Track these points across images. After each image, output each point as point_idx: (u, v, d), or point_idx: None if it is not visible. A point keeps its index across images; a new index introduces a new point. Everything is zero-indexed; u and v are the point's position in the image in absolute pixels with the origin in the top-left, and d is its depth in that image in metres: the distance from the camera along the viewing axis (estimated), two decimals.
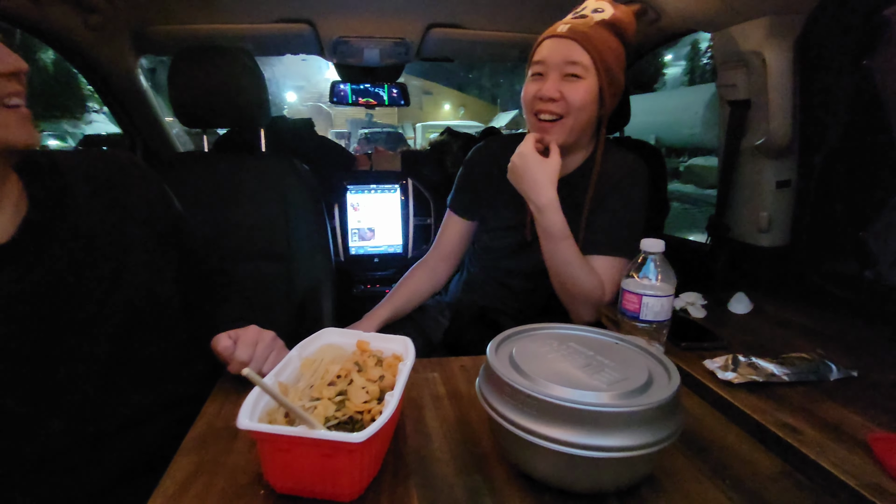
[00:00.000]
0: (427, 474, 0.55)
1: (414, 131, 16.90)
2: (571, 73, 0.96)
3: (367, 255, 1.95)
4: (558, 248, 0.97)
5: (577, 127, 0.99)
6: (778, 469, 0.57)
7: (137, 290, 0.68)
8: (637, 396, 0.50)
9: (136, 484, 0.58)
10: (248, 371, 0.41)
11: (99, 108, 12.88)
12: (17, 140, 0.57)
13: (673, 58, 20.96)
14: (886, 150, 0.95)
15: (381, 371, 0.61)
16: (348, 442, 0.45)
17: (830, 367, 0.74)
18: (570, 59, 0.95)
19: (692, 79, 19.63)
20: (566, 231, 0.96)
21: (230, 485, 0.53)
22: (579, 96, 0.96)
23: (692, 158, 11.86)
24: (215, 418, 0.65)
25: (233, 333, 0.71)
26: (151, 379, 0.70)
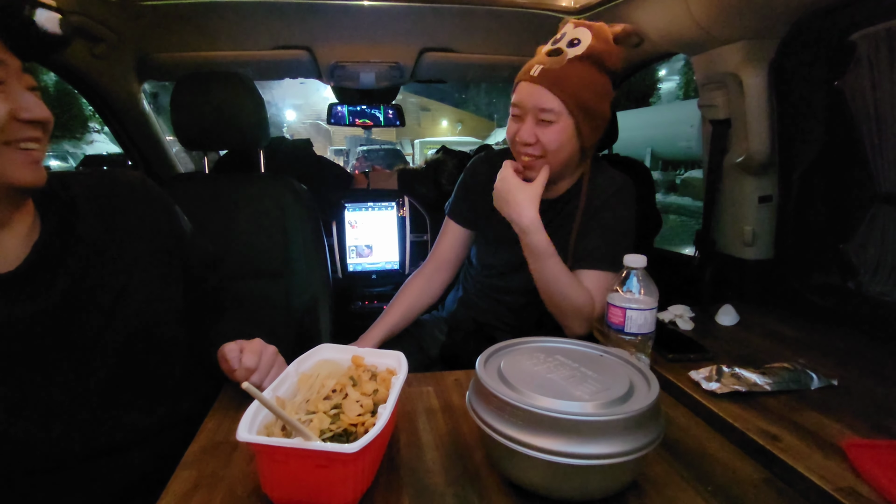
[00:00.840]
0: (419, 485, 0.57)
1: (412, 147, 17.07)
2: (543, 118, 0.97)
3: (365, 272, 1.98)
4: (545, 266, 0.99)
5: (557, 164, 1.02)
6: (759, 476, 0.60)
7: (141, 308, 0.70)
8: (618, 405, 0.52)
9: (136, 502, 0.60)
10: (248, 385, 0.44)
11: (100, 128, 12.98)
12: (22, 180, 0.60)
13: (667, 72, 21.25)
14: (860, 166, 0.99)
15: (376, 385, 0.64)
16: (342, 452, 0.47)
17: (811, 377, 0.76)
18: (540, 106, 0.97)
19: (686, 92, 19.88)
20: (550, 249, 0.99)
21: (229, 497, 0.55)
22: (553, 139, 0.98)
23: (688, 171, 11.98)
24: (215, 433, 0.67)
25: (239, 343, 0.73)
26: (152, 398, 0.72)
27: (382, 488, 0.57)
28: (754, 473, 0.60)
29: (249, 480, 0.57)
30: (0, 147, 0.57)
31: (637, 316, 0.72)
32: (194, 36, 1.56)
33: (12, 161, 0.58)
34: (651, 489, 0.57)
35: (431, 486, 0.57)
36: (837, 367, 0.81)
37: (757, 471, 0.61)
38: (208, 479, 0.58)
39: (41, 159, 0.62)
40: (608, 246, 1.04)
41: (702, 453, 0.64)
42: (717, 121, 1.14)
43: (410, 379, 0.84)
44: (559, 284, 0.99)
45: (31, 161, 0.61)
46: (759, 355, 0.87)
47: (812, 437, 0.63)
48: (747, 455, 0.63)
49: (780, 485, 0.58)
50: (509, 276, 1.20)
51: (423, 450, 0.64)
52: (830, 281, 1.05)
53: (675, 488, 0.57)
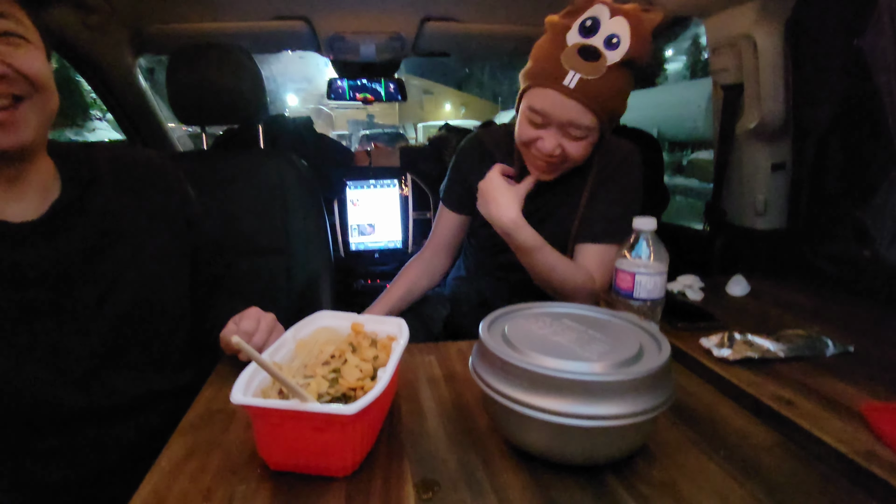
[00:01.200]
0: (421, 451, 0.56)
1: (415, 131, 16.93)
2: (574, 134, 0.90)
3: (368, 251, 1.96)
4: (537, 259, 0.96)
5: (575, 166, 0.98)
6: (772, 441, 0.57)
7: (147, 279, 0.72)
8: (627, 367, 0.50)
9: (136, 468, 0.59)
10: (238, 339, 0.42)
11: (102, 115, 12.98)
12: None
13: (674, 52, 20.88)
14: (880, 129, 0.95)
15: (376, 351, 0.62)
16: (340, 415, 0.46)
17: (826, 343, 0.74)
18: (574, 123, 0.88)
19: (693, 73, 19.56)
20: (539, 241, 0.95)
21: (225, 463, 0.53)
22: (581, 152, 0.93)
23: (695, 152, 11.82)
24: (212, 401, 0.66)
25: (236, 317, 0.72)
26: (151, 367, 0.72)
27: (383, 454, 0.55)
28: (768, 438, 0.58)
29: (246, 447, 0.56)
30: None
31: (646, 281, 0.69)
32: (190, 6, 1.51)
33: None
34: (661, 454, 0.55)
35: (434, 452, 0.56)
36: (853, 334, 0.79)
37: (771, 436, 0.58)
38: (204, 446, 0.56)
39: (12, 120, 0.59)
40: (613, 219, 1.01)
41: (713, 419, 0.62)
42: (729, 86, 1.09)
43: (412, 349, 0.83)
44: (556, 272, 0.97)
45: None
46: (771, 324, 0.84)
47: (828, 402, 0.61)
48: (760, 421, 0.61)
49: (794, 449, 0.56)
50: (508, 254, 1.18)
51: (425, 417, 0.63)
52: (845, 250, 1.02)
53: (686, 453, 0.55)
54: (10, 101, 0.59)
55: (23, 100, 0.60)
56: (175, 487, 0.50)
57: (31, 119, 0.61)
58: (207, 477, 0.51)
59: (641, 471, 0.52)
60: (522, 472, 0.52)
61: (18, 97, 0.60)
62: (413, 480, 0.51)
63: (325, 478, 0.50)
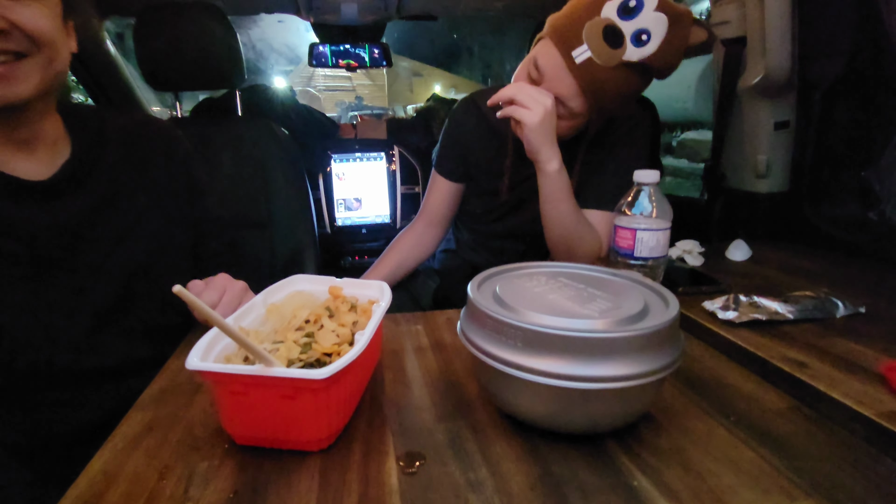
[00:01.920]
0: (405, 422, 0.51)
1: (405, 113, 16.70)
2: (559, 111, 0.86)
3: (355, 226, 1.89)
4: (567, 209, 0.91)
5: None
6: (785, 405, 0.53)
7: (148, 245, 0.74)
8: (632, 324, 0.45)
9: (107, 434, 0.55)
10: (179, 288, 0.35)
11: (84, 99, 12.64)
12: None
13: None
14: (890, 84, 0.90)
15: (356, 316, 0.56)
16: (310, 379, 0.40)
17: (837, 304, 0.69)
18: (563, 99, 0.84)
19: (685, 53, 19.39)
20: (571, 189, 0.91)
21: (186, 439, 0.48)
22: (563, 132, 0.89)
23: (685, 133, 11.78)
24: (177, 374, 0.60)
25: (206, 280, 0.68)
26: (147, 333, 0.72)
27: (363, 426, 0.50)
28: (780, 402, 0.54)
29: (211, 421, 0.50)
30: None
31: (648, 237, 0.64)
32: None
33: None
34: (665, 421, 0.50)
35: (419, 423, 0.51)
36: (862, 296, 0.74)
37: (783, 399, 0.54)
38: (164, 421, 0.51)
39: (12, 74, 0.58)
40: (620, 186, 0.95)
41: (720, 384, 0.57)
42: (731, 40, 1.03)
43: (399, 318, 0.77)
44: (577, 227, 0.92)
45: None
46: (776, 287, 0.80)
47: (844, 364, 0.57)
48: (770, 384, 0.57)
49: (808, 412, 0.52)
50: (504, 221, 1.13)
51: (410, 387, 0.58)
52: (850, 212, 0.98)
53: (693, 419, 0.51)
54: (11, 57, 0.58)
55: (24, 56, 0.59)
56: (128, 466, 0.44)
57: (32, 76, 0.60)
58: (165, 454, 0.46)
59: (646, 438, 0.48)
60: (517, 443, 0.47)
61: (20, 54, 0.59)
62: (396, 454, 0.46)
63: (298, 452, 0.45)
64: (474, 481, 0.42)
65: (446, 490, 0.41)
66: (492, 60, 22.96)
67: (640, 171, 0.66)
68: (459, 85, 24.49)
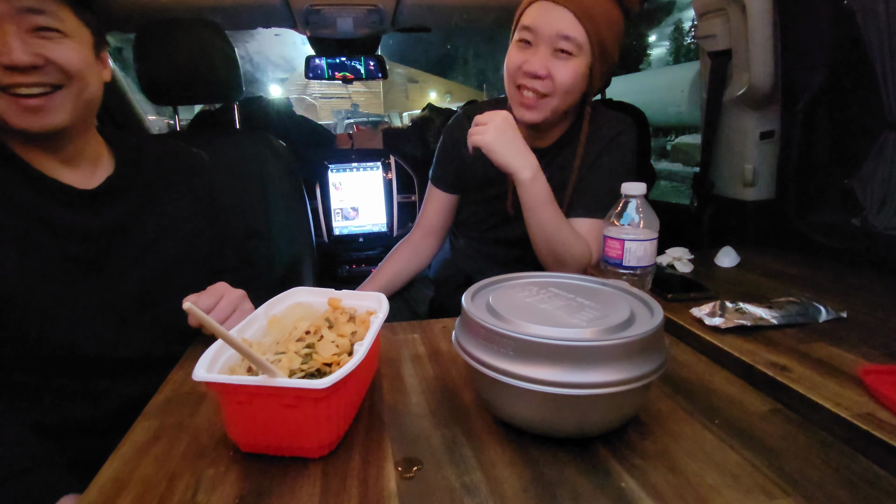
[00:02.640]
0: (403, 429, 0.53)
1: (400, 120, 16.75)
2: (563, 48, 0.86)
3: (352, 235, 1.91)
4: (548, 216, 0.92)
5: (561, 108, 0.93)
6: (768, 407, 0.55)
7: (173, 251, 0.82)
8: (618, 332, 0.47)
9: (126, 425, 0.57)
10: (190, 305, 0.38)
11: None
12: (15, 125, 0.66)
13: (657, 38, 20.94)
14: (868, 94, 0.93)
15: (354, 327, 0.58)
16: (312, 389, 0.42)
17: (819, 309, 0.72)
18: (563, 34, 0.85)
19: (677, 58, 19.64)
20: (551, 195, 0.92)
21: (193, 447, 0.50)
22: (569, 77, 0.88)
23: (679, 137, 11.87)
24: (182, 384, 0.62)
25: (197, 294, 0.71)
26: (167, 330, 0.78)
27: (362, 433, 0.52)
28: (762, 405, 0.56)
29: (216, 429, 0.52)
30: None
31: (636, 248, 0.67)
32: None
33: (5, 107, 0.64)
34: (653, 424, 0.53)
35: (416, 429, 0.53)
36: (845, 301, 0.77)
37: (765, 403, 0.56)
38: (171, 429, 0.52)
39: (46, 106, 0.66)
40: (609, 193, 0.97)
41: (706, 388, 0.60)
42: (716, 52, 1.07)
43: (395, 327, 0.79)
44: (562, 233, 0.92)
45: (23, 108, 0.65)
46: (762, 293, 0.82)
47: (824, 367, 0.59)
48: (755, 388, 0.59)
49: (790, 414, 0.54)
50: (500, 229, 1.15)
51: (407, 394, 0.60)
52: (834, 219, 1.01)
53: (680, 423, 0.53)
54: (47, 89, 0.66)
55: (59, 88, 0.67)
56: (137, 472, 0.46)
57: (65, 106, 0.68)
58: (173, 461, 0.47)
59: (634, 442, 0.50)
60: (510, 448, 0.49)
61: (55, 86, 0.67)
62: (394, 459, 0.48)
63: (300, 459, 0.47)
64: (469, 485, 0.44)
65: (443, 494, 0.43)
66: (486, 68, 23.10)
67: (627, 184, 0.68)
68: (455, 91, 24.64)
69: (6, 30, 0.62)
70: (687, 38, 19.85)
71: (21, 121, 0.66)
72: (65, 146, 0.73)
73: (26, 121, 0.66)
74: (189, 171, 0.90)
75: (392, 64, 3.76)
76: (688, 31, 19.61)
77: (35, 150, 0.71)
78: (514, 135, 0.89)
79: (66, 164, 0.74)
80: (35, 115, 0.66)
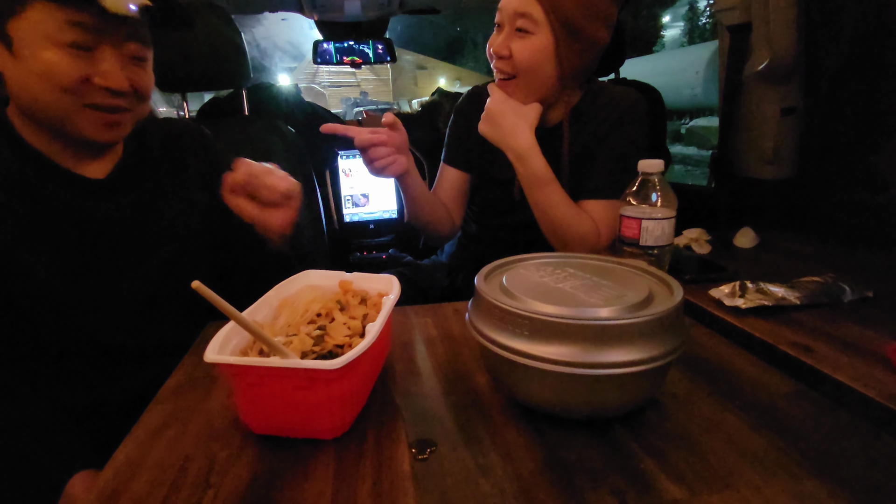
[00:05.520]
0: (417, 410, 0.52)
1: (409, 107, 16.65)
2: (520, 26, 0.87)
3: (363, 222, 1.91)
4: (544, 194, 0.91)
5: (531, 88, 0.92)
6: (791, 388, 0.54)
7: (186, 235, 0.82)
8: (637, 311, 0.46)
9: None
10: (199, 283, 0.37)
11: None
12: (94, 138, 0.69)
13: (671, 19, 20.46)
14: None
15: (366, 309, 0.58)
16: (324, 370, 0.42)
17: (844, 289, 0.70)
18: (518, 11, 0.86)
19: (691, 39, 19.18)
20: (550, 175, 0.91)
21: (206, 429, 0.49)
22: (526, 55, 0.88)
23: (693, 120, 11.63)
24: (195, 368, 0.62)
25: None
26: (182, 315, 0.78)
27: (375, 415, 0.51)
28: (785, 386, 0.54)
29: (229, 413, 0.52)
30: (80, 107, 0.66)
31: (654, 227, 0.65)
32: None
33: (87, 120, 0.67)
34: (672, 406, 0.51)
35: (430, 411, 0.52)
36: (870, 281, 0.74)
37: (788, 384, 0.55)
38: (184, 413, 0.52)
39: (121, 122, 0.70)
40: (618, 173, 0.95)
41: (726, 370, 0.58)
42: (735, 26, 1.03)
43: (408, 311, 0.79)
44: (559, 211, 0.92)
45: (105, 122, 0.68)
46: (784, 273, 0.80)
47: (850, 347, 0.57)
48: (777, 369, 0.57)
49: (814, 395, 0.52)
50: (511, 214, 1.13)
51: (420, 377, 0.59)
52: (860, 197, 0.97)
53: (699, 404, 0.52)
54: (124, 110, 0.70)
55: (131, 109, 0.71)
56: (151, 455, 0.46)
57: (130, 123, 0.73)
58: (186, 444, 0.47)
59: (652, 423, 0.49)
60: (525, 429, 0.48)
61: (127, 108, 0.70)
62: (408, 441, 0.47)
63: (313, 441, 0.47)
64: (485, 466, 0.43)
65: (458, 475, 0.42)
66: None
67: (644, 161, 0.66)
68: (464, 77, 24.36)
69: (105, 54, 0.65)
70: (702, 18, 19.37)
71: (98, 134, 0.69)
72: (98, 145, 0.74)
73: (102, 134, 0.69)
74: (194, 151, 0.89)
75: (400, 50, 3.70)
76: (703, 10, 19.12)
77: (58, 143, 0.71)
78: (508, 115, 0.91)
79: (92, 157, 0.75)
80: (111, 130, 0.70)
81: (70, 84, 0.64)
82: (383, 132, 0.89)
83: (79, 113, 0.66)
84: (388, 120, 0.89)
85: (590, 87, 0.99)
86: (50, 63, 0.63)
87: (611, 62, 1.48)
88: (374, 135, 0.88)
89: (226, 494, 0.41)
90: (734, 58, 1.05)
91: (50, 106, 0.65)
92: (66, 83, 0.64)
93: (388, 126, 0.90)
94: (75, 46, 0.63)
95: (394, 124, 0.90)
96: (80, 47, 0.63)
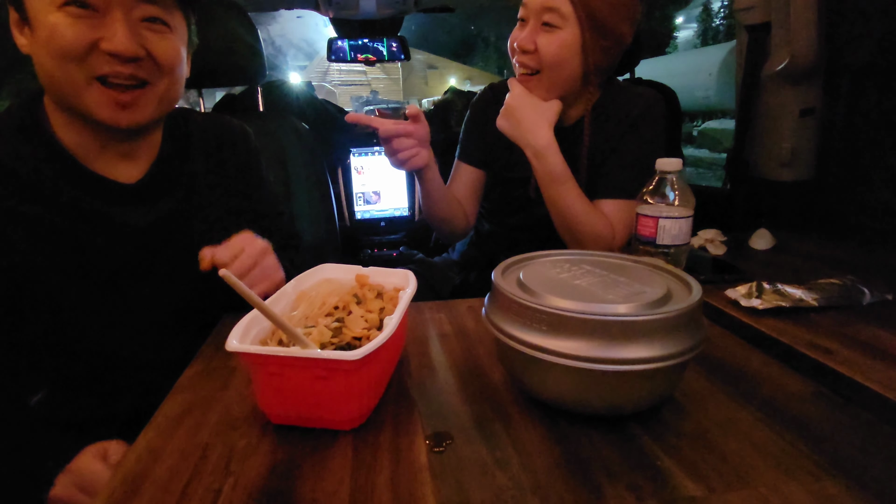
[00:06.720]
0: (433, 404, 0.52)
1: (420, 106, 16.66)
2: (547, 21, 0.86)
3: (374, 220, 1.92)
4: (560, 192, 0.91)
5: (555, 84, 0.92)
6: (809, 390, 0.53)
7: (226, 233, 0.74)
8: (655, 308, 0.46)
9: None
10: (226, 272, 0.38)
11: None
12: (102, 119, 0.62)
13: (684, 20, 20.31)
14: None
15: (382, 303, 0.58)
16: (344, 360, 0.42)
17: (863, 291, 0.69)
18: (546, 5, 0.85)
19: (705, 41, 19.01)
20: (567, 173, 0.91)
21: (225, 418, 0.50)
22: (552, 50, 0.87)
23: (706, 122, 11.54)
24: (212, 359, 0.62)
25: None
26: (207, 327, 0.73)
27: (391, 408, 0.52)
28: (804, 388, 0.54)
29: (247, 402, 0.53)
30: (89, 81, 0.60)
31: (671, 225, 0.64)
32: None
33: (95, 99, 0.61)
34: (689, 405, 0.51)
35: (446, 405, 0.52)
36: (890, 283, 0.74)
37: (807, 385, 0.54)
38: (203, 402, 0.53)
39: (137, 102, 0.63)
40: (635, 173, 0.95)
41: (743, 370, 0.58)
42: (754, 26, 1.02)
43: (422, 307, 0.79)
44: (575, 210, 0.92)
45: (117, 102, 0.62)
46: (800, 275, 0.79)
47: (871, 350, 0.57)
48: (795, 371, 0.57)
49: (833, 397, 0.52)
50: (525, 213, 1.13)
51: (435, 371, 0.59)
52: (878, 198, 0.96)
53: (717, 404, 0.51)
54: (136, 83, 0.63)
55: (147, 84, 0.64)
56: (172, 443, 0.47)
57: (150, 104, 0.65)
58: (206, 432, 0.48)
59: (669, 421, 0.49)
60: (541, 424, 0.48)
61: (144, 81, 0.63)
62: (424, 433, 0.47)
63: (331, 431, 0.47)
64: (501, 460, 0.43)
65: (474, 467, 0.43)
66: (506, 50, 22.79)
67: (662, 160, 0.66)
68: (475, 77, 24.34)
69: (115, 16, 0.59)
70: (716, 19, 19.20)
71: (111, 116, 0.62)
72: (125, 142, 0.69)
73: (116, 116, 0.63)
74: (235, 151, 0.84)
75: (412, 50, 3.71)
76: (717, 12, 18.95)
77: (94, 144, 0.67)
78: (528, 111, 0.91)
79: (124, 159, 0.70)
80: (125, 111, 0.63)
81: (75, 50, 0.58)
82: (407, 123, 0.89)
83: (88, 89, 0.60)
84: (411, 112, 0.89)
85: (609, 87, 0.99)
86: (54, 27, 0.57)
87: (627, 62, 1.47)
88: (399, 126, 0.88)
89: (246, 482, 0.41)
90: (752, 58, 1.04)
91: (60, 82, 0.60)
92: (70, 49, 0.58)
93: (412, 118, 0.90)
94: (77, 4, 0.58)
95: (417, 116, 0.90)
96: (83, 5, 0.58)
